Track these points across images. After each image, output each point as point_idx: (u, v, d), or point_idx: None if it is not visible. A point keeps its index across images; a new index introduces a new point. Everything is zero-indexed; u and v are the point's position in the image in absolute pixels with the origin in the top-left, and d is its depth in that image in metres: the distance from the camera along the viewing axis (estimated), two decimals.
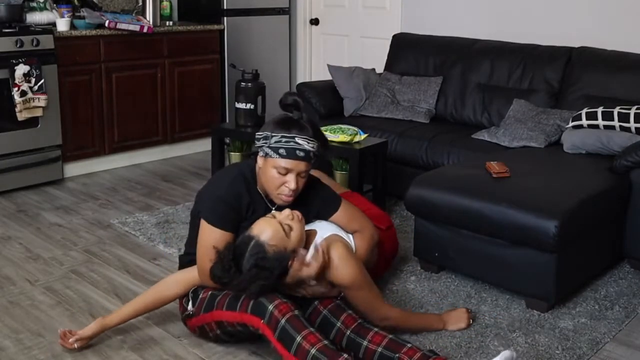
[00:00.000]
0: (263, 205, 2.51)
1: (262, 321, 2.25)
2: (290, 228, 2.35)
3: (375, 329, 2.36)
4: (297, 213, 2.41)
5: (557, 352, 2.49)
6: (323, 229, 2.55)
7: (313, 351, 2.17)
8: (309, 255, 2.33)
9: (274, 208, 2.52)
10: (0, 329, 2.63)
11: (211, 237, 2.41)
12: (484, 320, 2.71)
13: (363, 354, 2.31)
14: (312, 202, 2.58)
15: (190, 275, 2.51)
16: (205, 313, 2.43)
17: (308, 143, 2.41)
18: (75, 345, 2.45)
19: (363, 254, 2.60)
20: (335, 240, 2.46)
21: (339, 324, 2.38)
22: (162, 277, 2.82)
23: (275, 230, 2.32)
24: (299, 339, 2.19)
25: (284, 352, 2.21)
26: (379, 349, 2.29)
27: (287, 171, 2.40)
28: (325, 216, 2.61)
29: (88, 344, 2.49)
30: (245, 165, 2.57)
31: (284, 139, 2.39)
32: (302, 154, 2.39)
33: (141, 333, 2.60)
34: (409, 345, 2.28)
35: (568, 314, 2.78)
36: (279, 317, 2.22)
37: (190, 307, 2.50)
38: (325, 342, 2.20)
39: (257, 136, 2.47)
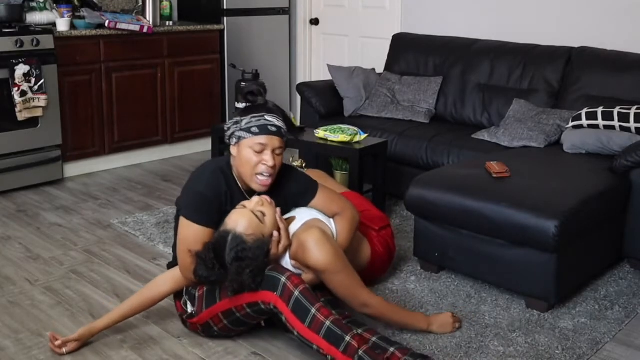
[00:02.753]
0: (241, 197, 2.52)
1: (275, 293, 2.25)
2: (263, 214, 2.37)
3: (360, 331, 2.33)
4: (265, 197, 2.43)
5: (557, 352, 2.49)
6: (302, 214, 2.58)
7: (327, 323, 2.19)
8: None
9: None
10: (0, 329, 2.63)
11: (191, 234, 2.41)
12: (484, 320, 2.71)
13: None
14: (288, 191, 2.59)
15: (179, 273, 2.52)
16: (209, 307, 2.43)
17: (278, 120, 2.47)
18: (64, 350, 2.42)
19: (346, 235, 2.61)
20: (311, 226, 2.49)
21: None
22: None
23: (249, 220, 2.34)
24: (313, 310, 2.21)
25: (297, 324, 2.22)
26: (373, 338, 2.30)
27: (263, 148, 2.43)
28: (303, 204, 2.63)
29: (82, 344, 2.47)
30: (222, 159, 2.60)
31: (254, 119, 2.44)
32: (274, 128, 2.44)
33: (141, 333, 2.60)
34: (397, 346, 2.28)
35: (568, 314, 2.78)
36: (292, 288, 2.24)
37: (189, 308, 2.51)
38: (337, 315, 2.23)
39: (225, 127, 2.51)
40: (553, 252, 2.70)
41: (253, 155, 2.43)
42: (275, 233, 2.39)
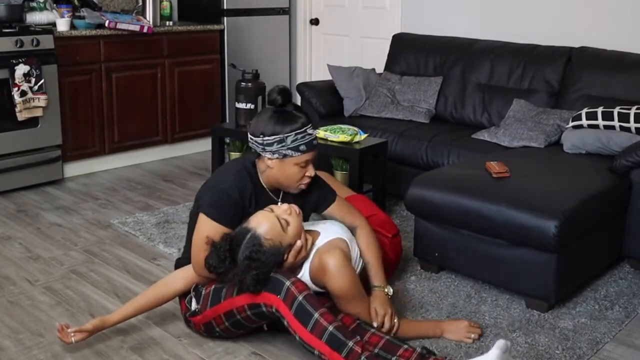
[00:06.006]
0: (267, 197, 2.53)
1: (278, 297, 2.25)
2: (287, 223, 2.37)
3: (372, 330, 2.37)
4: (295, 207, 2.43)
5: (557, 352, 2.49)
6: (327, 230, 2.56)
7: (330, 328, 2.19)
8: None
9: (279, 199, 2.55)
10: (0, 329, 2.63)
11: (210, 231, 2.41)
12: (484, 320, 2.71)
13: None
14: (311, 195, 2.63)
15: (192, 271, 2.52)
16: (213, 307, 2.42)
17: (313, 129, 2.52)
18: (73, 340, 2.40)
19: (375, 246, 2.63)
20: (335, 247, 2.46)
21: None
22: (162, 277, 2.82)
23: (272, 224, 2.34)
24: (316, 315, 2.20)
25: (299, 329, 2.22)
26: (376, 350, 2.29)
27: (308, 163, 2.50)
28: (322, 207, 2.66)
29: (87, 341, 2.47)
30: (247, 159, 2.60)
31: (299, 136, 2.45)
32: (316, 141, 2.52)
33: (141, 333, 2.60)
34: (406, 346, 2.29)
35: (568, 314, 2.78)
36: (296, 293, 2.23)
37: (194, 305, 2.50)
38: (341, 322, 2.23)
39: (266, 141, 2.44)
40: (553, 252, 2.70)
41: (298, 170, 2.48)
42: (299, 242, 2.38)
